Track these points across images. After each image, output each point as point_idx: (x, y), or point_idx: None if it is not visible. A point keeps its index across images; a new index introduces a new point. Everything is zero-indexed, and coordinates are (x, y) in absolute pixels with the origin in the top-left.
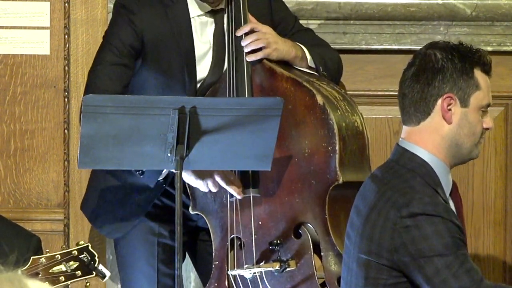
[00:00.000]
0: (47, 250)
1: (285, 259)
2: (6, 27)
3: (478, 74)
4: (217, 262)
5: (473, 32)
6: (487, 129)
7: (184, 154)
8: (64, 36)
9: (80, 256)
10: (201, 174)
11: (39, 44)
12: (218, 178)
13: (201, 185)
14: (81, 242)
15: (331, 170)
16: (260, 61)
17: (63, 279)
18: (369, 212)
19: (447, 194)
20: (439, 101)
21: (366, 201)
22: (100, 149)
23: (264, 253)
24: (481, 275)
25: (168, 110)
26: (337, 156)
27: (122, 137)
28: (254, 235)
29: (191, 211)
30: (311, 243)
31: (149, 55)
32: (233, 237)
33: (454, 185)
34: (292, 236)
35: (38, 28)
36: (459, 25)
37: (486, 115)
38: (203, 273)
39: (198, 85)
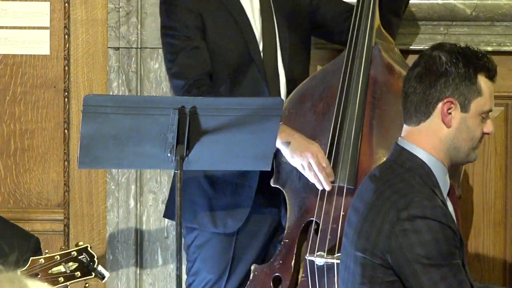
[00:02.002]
0: (46, 251)
1: None
2: (6, 27)
3: (481, 80)
4: (287, 241)
5: (473, 32)
6: (487, 133)
7: (184, 154)
8: (64, 36)
9: (79, 257)
10: (300, 152)
11: (39, 44)
12: (312, 162)
13: (297, 163)
14: (80, 243)
15: None
16: (379, 53)
17: (62, 280)
18: (368, 211)
19: (445, 194)
20: (440, 105)
21: (364, 200)
22: (100, 149)
23: (340, 244)
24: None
25: (168, 110)
26: None
27: (122, 137)
28: (334, 224)
29: (272, 184)
30: None
31: (209, 31)
32: (310, 220)
33: (451, 186)
34: None
35: (38, 28)
36: (459, 25)
37: (487, 120)
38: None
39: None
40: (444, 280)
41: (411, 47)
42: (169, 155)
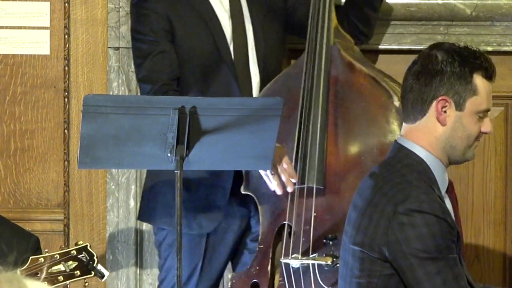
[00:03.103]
0: (46, 250)
1: (337, 255)
2: (6, 27)
3: (478, 79)
4: (262, 246)
5: (473, 32)
6: (485, 133)
7: (184, 154)
8: (64, 36)
9: (79, 256)
10: None
11: (39, 44)
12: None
13: (263, 174)
14: (80, 242)
15: None
16: (338, 52)
17: (62, 278)
18: (366, 206)
19: (443, 192)
20: (434, 103)
21: (363, 197)
22: (100, 149)
23: (314, 246)
24: (466, 282)
25: (168, 110)
26: None
27: (122, 137)
28: (307, 225)
29: (242, 191)
30: None
31: (178, 33)
32: (283, 224)
33: (451, 183)
34: None
35: (38, 28)
36: (459, 25)
37: (485, 119)
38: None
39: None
40: (440, 274)
41: (411, 47)
42: (169, 155)
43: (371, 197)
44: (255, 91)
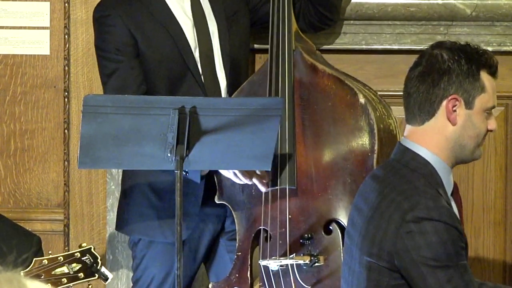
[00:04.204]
0: (50, 252)
1: (315, 254)
2: (6, 27)
3: (484, 76)
4: (240, 253)
5: (473, 32)
6: (490, 130)
7: (184, 154)
8: (64, 36)
9: (82, 258)
10: None
11: (39, 44)
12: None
13: (231, 175)
14: (84, 244)
15: (367, 169)
16: (301, 56)
17: (66, 281)
18: (372, 213)
19: (449, 194)
20: (444, 102)
21: (368, 201)
22: (100, 149)
23: (291, 247)
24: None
25: (168, 110)
26: (375, 156)
27: (122, 137)
28: (282, 228)
29: (216, 200)
30: (341, 240)
31: (142, 46)
32: (260, 229)
33: (455, 185)
34: (323, 232)
35: (38, 28)
36: (459, 25)
37: (490, 117)
38: (212, 266)
39: (197, 56)
40: (451, 282)
41: (411, 47)
42: (169, 155)
43: (377, 203)
44: (224, 96)
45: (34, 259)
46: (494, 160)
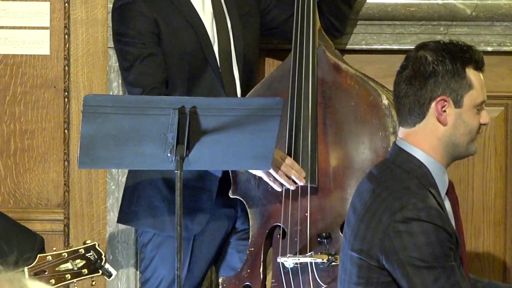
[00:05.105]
0: (54, 248)
1: (332, 253)
2: (6, 27)
3: (470, 73)
4: (252, 249)
5: (473, 32)
6: (484, 124)
7: (184, 154)
8: (64, 36)
9: (87, 255)
10: None
11: (39, 44)
12: (279, 165)
13: (262, 173)
14: (88, 241)
15: None
16: (324, 54)
17: (70, 277)
18: (364, 212)
19: (443, 194)
20: (433, 104)
21: (362, 200)
22: (100, 149)
23: (307, 245)
24: None
25: (168, 110)
26: None
27: (122, 137)
28: (300, 226)
29: (230, 195)
30: None
31: (165, 36)
32: (274, 225)
33: (451, 184)
34: (340, 232)
35: (38, 28)
36: (459, 25)
37: (482, 111)
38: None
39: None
40: (437, 282)
41: (411, 47)
42: (169, 155)
43: (370, 202)
44: (239, 93)
45: (39, 255)
46: (494, 160)
